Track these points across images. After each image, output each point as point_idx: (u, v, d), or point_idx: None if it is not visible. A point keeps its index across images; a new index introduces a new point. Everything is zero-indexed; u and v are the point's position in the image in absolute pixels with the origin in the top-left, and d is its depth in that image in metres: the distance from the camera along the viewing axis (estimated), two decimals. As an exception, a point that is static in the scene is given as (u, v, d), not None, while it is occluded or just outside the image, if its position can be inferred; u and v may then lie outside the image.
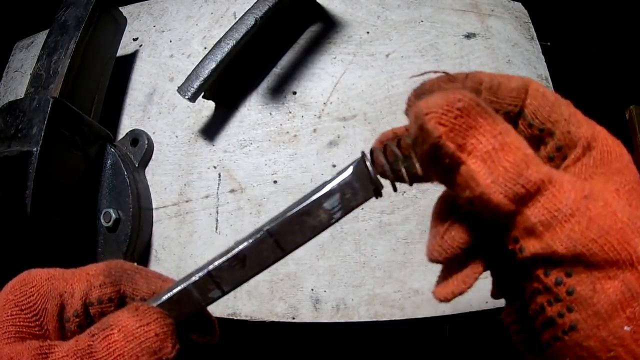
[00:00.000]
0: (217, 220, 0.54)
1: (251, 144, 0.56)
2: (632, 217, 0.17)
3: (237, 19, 0.50)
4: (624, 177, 0.19)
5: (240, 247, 0.22)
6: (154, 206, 0.55)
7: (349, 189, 0.21)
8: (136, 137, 0.57)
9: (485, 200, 0.17)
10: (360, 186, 0.21)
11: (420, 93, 0.22)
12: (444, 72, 0.22)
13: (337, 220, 0.21)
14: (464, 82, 0.22)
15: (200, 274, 0.23)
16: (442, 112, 0.17)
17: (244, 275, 0.22)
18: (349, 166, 0.21)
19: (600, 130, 0.21)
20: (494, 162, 0.17)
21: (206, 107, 0.58)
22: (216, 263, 0.22)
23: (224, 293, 0.23)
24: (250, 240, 0.22)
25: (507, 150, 0.17)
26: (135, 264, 0.26)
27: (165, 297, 0.23)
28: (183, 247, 0.53)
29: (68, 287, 0.24)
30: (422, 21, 0.59)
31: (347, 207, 0.21)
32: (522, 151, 0.17)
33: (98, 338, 0.21)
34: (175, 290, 0.23)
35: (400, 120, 0.54)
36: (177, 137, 0.58)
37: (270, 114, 0.57)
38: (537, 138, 0.22)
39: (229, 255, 0.22)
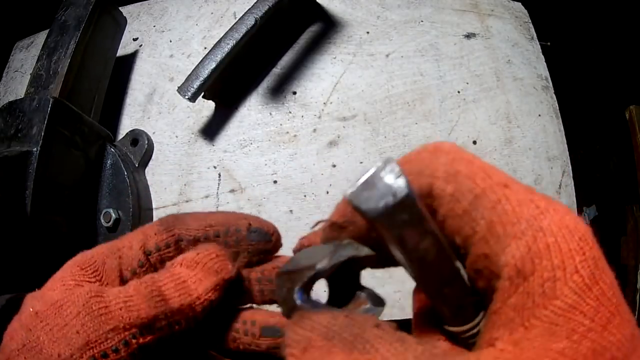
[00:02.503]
0: (217, 220, 0.53)
1: (251, 144, 0.56)
2: None
3: (237, 19, 0.50)
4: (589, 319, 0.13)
5: None
6: (154, 206, 0.55)
7: None
8: (136, 137, 0.57)
9: None
10: None
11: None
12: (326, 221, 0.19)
13: None
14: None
15: None
16: (290, 349, 0.16)
17: None
18: None
19: (539, 244, 0.13)
20: None
21: (206, 107, 0.58)
22: None
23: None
24: None
25: None
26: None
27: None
28: (183, 247, 0.53)
29: (125, 242, 0.24)
30: (422, 21, 0.59)
31: None
32: None
33: (162, 273, 0.22)
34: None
35: (400, 120, 0.54)
36: (177, 137, 0.58)
37: (270, 114, 0.57)
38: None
39: None
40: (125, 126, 0.60)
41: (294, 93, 0.57)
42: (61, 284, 0.21)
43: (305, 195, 0.53)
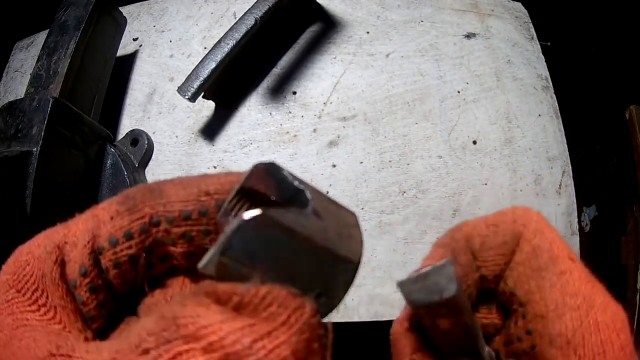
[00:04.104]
0: (217, 220, 0.53)
1: (251, 144, 0.56)
2: None
3: (237, 19, 0.50)
4: None
5: None
6: (154, 206, 0.55)
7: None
8: (136, 137, 0.57)
9: None
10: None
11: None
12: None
13: None
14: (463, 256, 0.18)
15: None
16: None
17: None
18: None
19: (590, 320, 0.15)
20: None
21: (206, 107, 0.58)
22: None
23: None
24: None
25: None
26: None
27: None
28: (183, 247, 0.53)
29: (69, 235, 0.15)
30: (422, 21, 0.59)
31: None
32: None
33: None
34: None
35: (400, 120, 0.54)
36: (177, 137, 0.58)
37: (270, 114, 0.57)
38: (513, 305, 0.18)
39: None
40: (125, 126, 0.60)
41: (294, 93, 0.57)
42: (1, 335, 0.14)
43: (305, 195, 0.53)
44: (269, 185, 0.14)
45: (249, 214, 0.12)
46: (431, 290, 0.15)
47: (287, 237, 0.12)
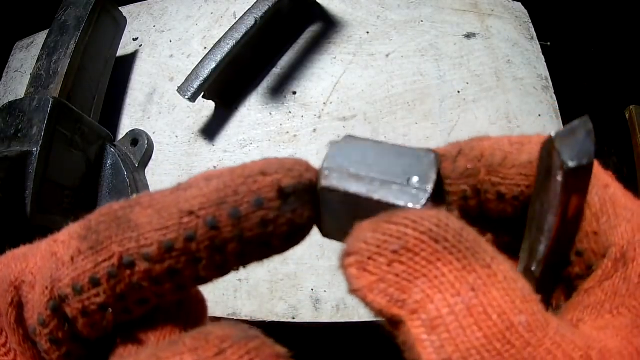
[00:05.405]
0: (217, 220, 0.54)
1: (251, 144, 0.56)
2: None
3: (237, 19, 0.50)
4: None
5: None
6: (154, 206, 0.55)
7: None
8: (136, 137, 0.57)
9: None
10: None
11: None
12: (431, 151, 0.16)
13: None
14: (455, 161, 0.17)
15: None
16: (368, 254, 0.12)
17: None
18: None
19: None
20: (449, 336, 0.11)
21: (206, 107, 0.58)
22: None
23: None
24: None
25: (479, 317, 0.11)
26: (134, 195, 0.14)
27: None
28: (183, 247, 0.53)
29: (27, 271, 0.13)
30: (422, 21, 0.59)
31: None
32: (507, 320, 0.11)
33: None
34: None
35: (400, 120, 0.54)
36: (177, 137, 0.58)
37: (270, 114, 0.57)
38: None
39: None
40: (125, 126, 0.60)
41: (294, 93, 0.57)
42: None
43: (305, 195, 0.53)
44: None
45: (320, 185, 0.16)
46: (583, 149, 0.12)
47: (344, 198, 0.16)
